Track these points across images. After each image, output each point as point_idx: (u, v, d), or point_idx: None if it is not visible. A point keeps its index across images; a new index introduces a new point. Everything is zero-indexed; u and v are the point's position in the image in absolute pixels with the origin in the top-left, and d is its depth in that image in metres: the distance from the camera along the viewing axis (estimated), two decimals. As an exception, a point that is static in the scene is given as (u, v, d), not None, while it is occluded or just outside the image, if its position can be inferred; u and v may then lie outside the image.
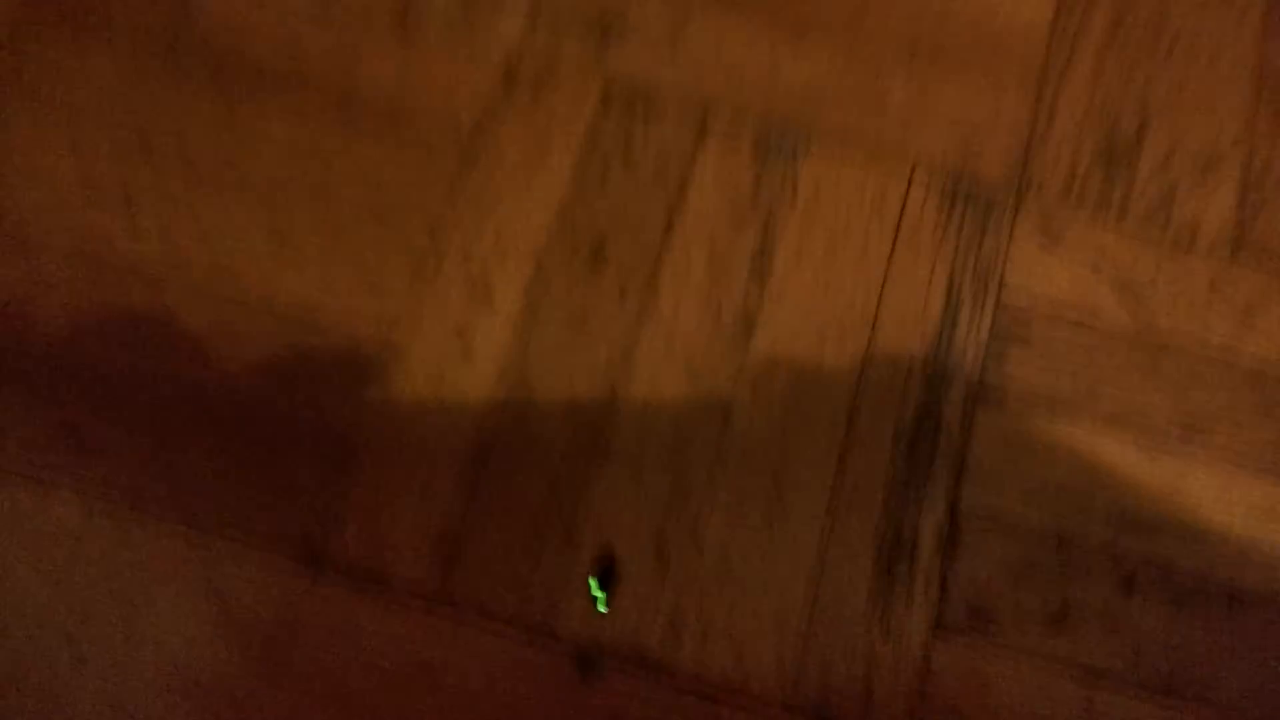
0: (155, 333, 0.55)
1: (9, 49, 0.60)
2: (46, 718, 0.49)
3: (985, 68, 0.61)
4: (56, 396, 0.53)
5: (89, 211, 0.57)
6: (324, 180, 0.58)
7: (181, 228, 0.57)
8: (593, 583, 0.52)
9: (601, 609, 0.51)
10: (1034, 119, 0.60)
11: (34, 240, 0.56)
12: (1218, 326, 0.56)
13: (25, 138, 0.58)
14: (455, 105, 0.59)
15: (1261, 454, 0.54)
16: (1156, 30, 0.62)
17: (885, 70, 0.61)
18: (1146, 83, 0.61)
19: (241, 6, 0.61)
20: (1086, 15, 0.63)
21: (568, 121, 0.59)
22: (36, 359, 0.54)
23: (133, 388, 0.54)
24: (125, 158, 0.58)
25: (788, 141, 0.59)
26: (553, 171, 0.58)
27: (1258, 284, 0.57)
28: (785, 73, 0.60)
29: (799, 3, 0.62)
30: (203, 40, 0.60)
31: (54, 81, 0.59)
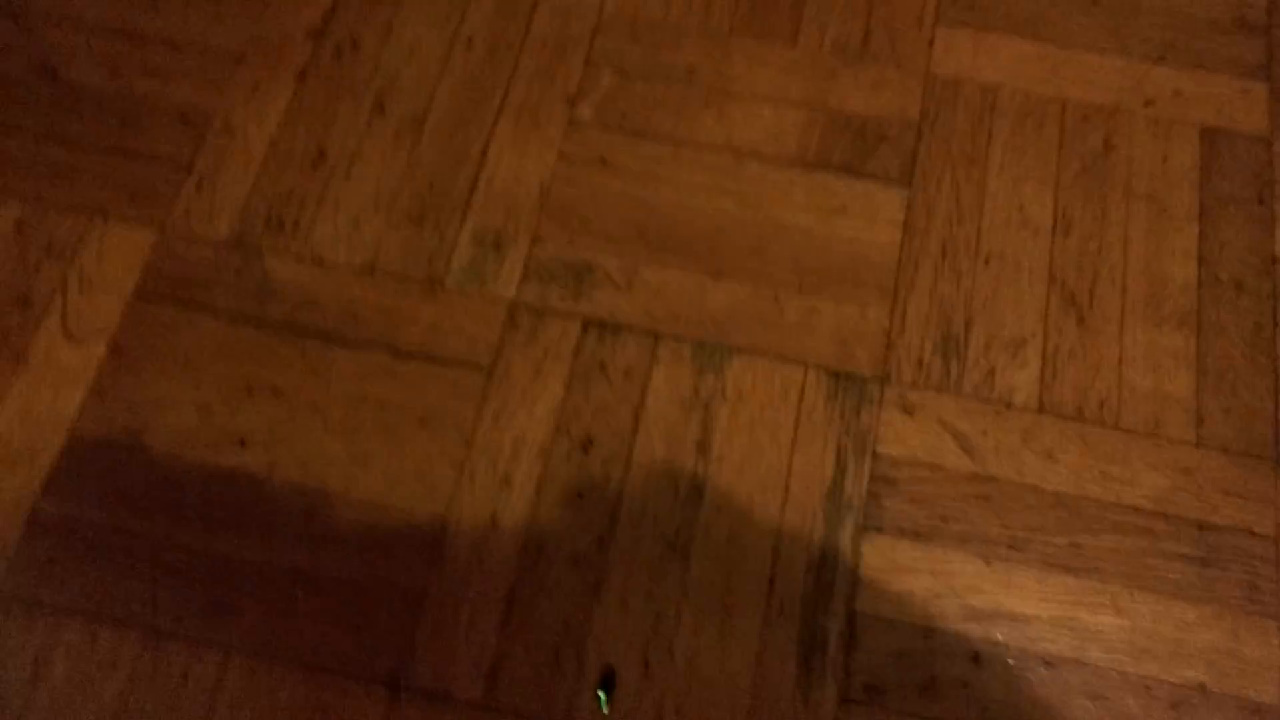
0: (262, 521, 0.78)
1: (129, 316, 0.85)
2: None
3: (854, 285, 0.87)
4: (202, 574, 0.77)
5: (208, 434, 0.81)
6: (382, 399, 0.82)
7: (278, 440, 0.81)
8: (601, 696, 0.74)
9: (604, 709, 0.74)
10: (890, 323, 0.86)
11: (165, 458, 0.80)
12: (1030, 464, 0.81)
13: (153, 385, 0.82)
14: (475, 343, 0.84)
15: (1066, 555, 0.78)
16: (975, 249, 0.89)
17: (781, 294, 0.87)
18: (970, 289, 0.87)
19: (308, 278, 0.87)
20: (924, 240, 0.89)
21: (558, 350, 0.84)
22: (183, 547, 0.77)
23: (250, 564, 0.77)
24: (232, 396, 0.82)
25: (716, 353, 0.84)
26: (549, 388, 0.83)
27: (1057, 432, 0.82)
28: (709, 302, 0.86)
29: (716, 249, 0.88)
30: (281, 305, 0.86)
31: (172, 344, 0.84)
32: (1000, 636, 0.76)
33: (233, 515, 0.79)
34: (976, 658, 0.76)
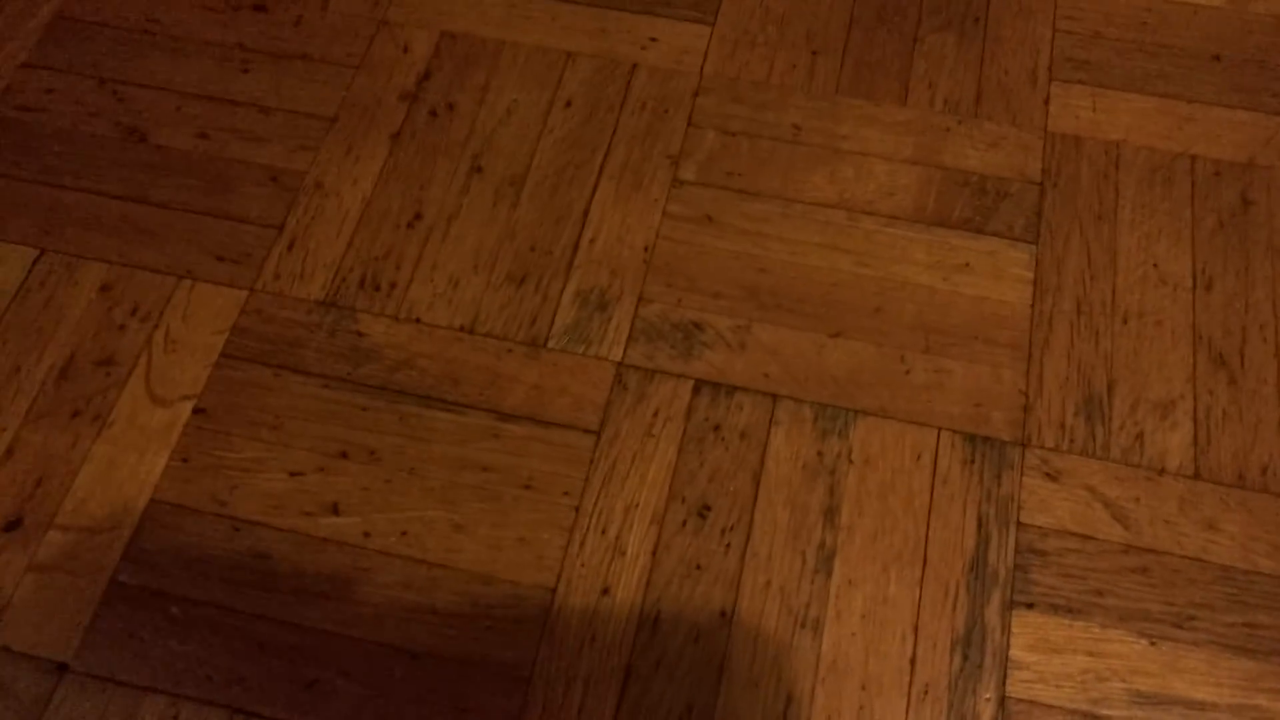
0: (357, 593, 0.76)
1: (216, 377, 0.85)
2: None
3: (984, 345, 0.86)
4: (293, 650, 0.74)
5: (299, 500, 0.79)
6: (484, 463, 0.81)
7: (374, 507, 0.79)
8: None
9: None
10: (1026, 384, 0.84)
11: (253, 526, 0.79)
12: (1190, 535, 0.78)
13: (242, 449, 0.81)
14: (581, 405, 0.83)
15: (1240, 636, 0.74)
16: (1111, 307, 0.88)
17: (907, 354, 0.85)
18: (1110, 349, 0.85)
19: (405, 339, 0.87)
20: (1056, 298, 0.88)
21: (669, 412, 0.83)
22: (272, 621, 0.75)
23: (344, 639, 0.74)
24: (325, 460, 0.81)
25: (840, 415, 0.82)
26: (662, 451, 0.81)
27: (1217, 500, 0.79)
28: (829, 362, 0.85)
29: (833, 307, 0.87)
30: (376, 366, 0.85)
31: (261, 406, 0.84)
32: (1175, 723, 0.72)
33: (326, 587, 0.77)
34: (1151, 747, 0.71)
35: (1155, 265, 0.90)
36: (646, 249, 0.91)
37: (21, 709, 0.73)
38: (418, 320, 0.88)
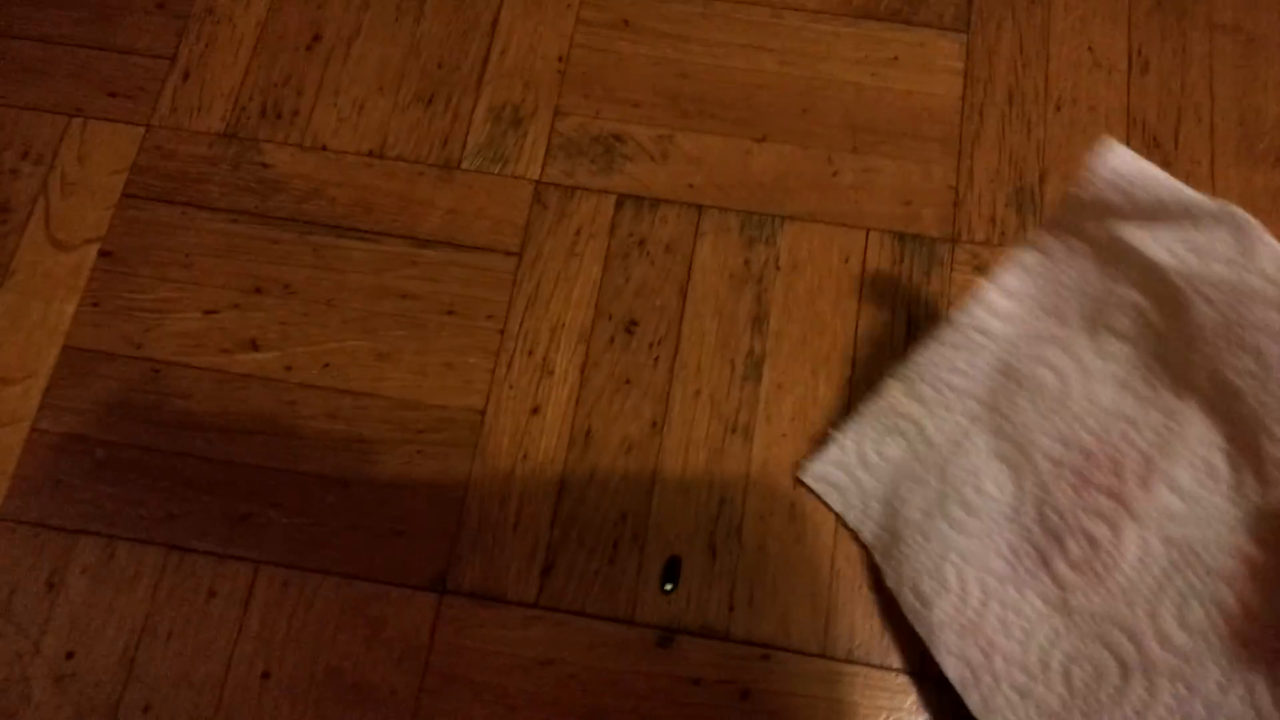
0: (283, 426, 0.79)
1: (120, 218, 0.85)
2: (254, 738, 0.72)
3: (913, 141, 0.88)
4: (223, 485, 0.77)
5: (216, 338, 0.81)
6: (403, 290, 0.83)
7: (293, 340, 0.81)
8: (668, 588, 0.75)
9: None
10: (957, 179, 0.86)
11: (171, 366, 0.81)
12: (1120, 321, 0.81)
13: (153, 290, 0.83)
14: (501, 226, 0.85)
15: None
16: (1044, 95, 0.89)
17: (834, 155, 0.87)
18: (1042, 138, 0.87)
19: (312, 168, 0.87)
20: (988, 89, 0.89)
21: (592, 229, 0.84)
22: (199, 459, 0.78)
23: (273, 472, 0.78)
24: (239, 297, 0.83)
25: (767, 221, 0.84)
26: (586, 269, 0.83)
27: (1146, 285, 0.82)
28: (755, 168, 0.86)
29: (758, 110, 0.88)
30: (285, 197, 0.86)
31: (168, 246, 0.85)
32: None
33: (250, 423, 0.80)
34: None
35: (1090, 49, 0.91)
36: (560, 59, 0.91)
37: (-46, 559, 0.77)
38: (324, 148, 0.88)
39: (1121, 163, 0.61)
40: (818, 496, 0.77)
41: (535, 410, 0.80)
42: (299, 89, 0.90)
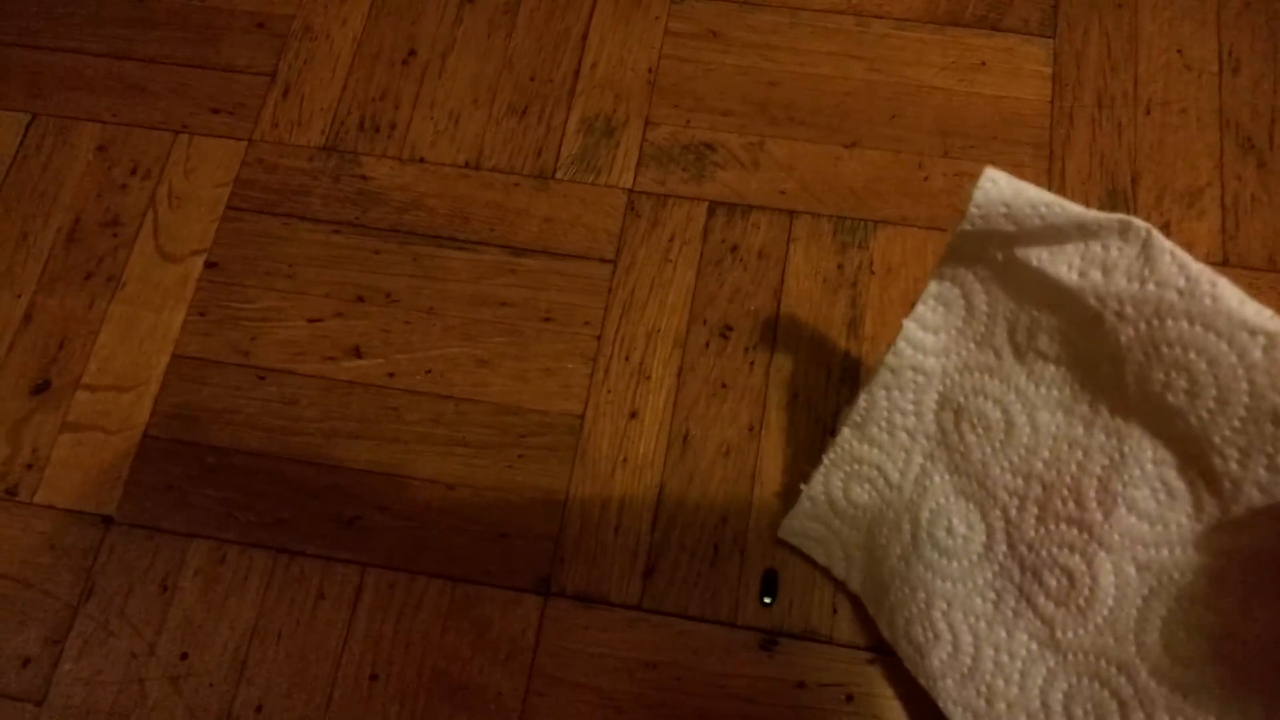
0: (387, 431, 0.81)
1: (225, 230, 0.88)
2: (364, 737, 0.74)
3: (1003, 145, 0.88)
4: (330, 490, 0.79)
5: (321, 345, 0.84)
6: (501, 298, 0.85)
7: (395, 348, 0.83)
8: (768, 601, 0.76)
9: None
10: (1049, 182, 0.86)
11: (278, 373, 0.83)
12: (1219, 323, 0.81)
13: (258, 299, 0.85)
14: (595, 234, 0.86)
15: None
16: (1134, 98, 0.89)
17: (924, 161, 0.87)
18: (1133, 141, 0.87)
19: (410, 180, 0.89)
20: (1077, 92, 0.90)
21: (685, 235, 0.86)
22: (306, 464, 0.80)
23: (379, 477, 0.80)
24: (342, 305, 0.85)
25: (859, 226, 0.85)
26: (680, 276, 0.85)
27: (1247, 285, 0.82)
28: (846, 174, 0.87)
29: (847, 117, 0.89)
30: (384, 209, 0.88)
31: (272, 256, 0.87)
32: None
33: (356, 427, 0.82)
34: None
35: (1179, 51, 0.91)
36: (650, 70, 0.93)
37: (72, 562, 0.79)
38: (421, 160, 0.90)
39: (1006, 193, 0.56)
40: (800, 553, 0.77)
41: (633, 414, 0.81)
42: (396, 103, 0.93)
